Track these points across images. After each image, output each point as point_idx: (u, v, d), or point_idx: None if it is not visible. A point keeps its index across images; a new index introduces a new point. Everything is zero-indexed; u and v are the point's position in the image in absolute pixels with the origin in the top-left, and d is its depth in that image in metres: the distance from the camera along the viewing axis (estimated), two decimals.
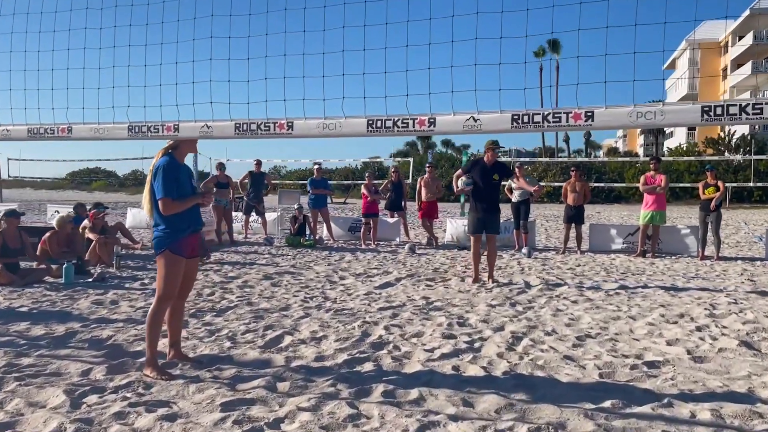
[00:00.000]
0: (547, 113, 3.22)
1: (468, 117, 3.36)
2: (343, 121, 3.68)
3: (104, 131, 4.31)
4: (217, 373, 4.56)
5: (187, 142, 4.65)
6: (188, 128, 4.25)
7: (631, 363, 4.96)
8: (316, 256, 12.04)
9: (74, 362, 4.72)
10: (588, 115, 3.14)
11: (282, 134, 3.89)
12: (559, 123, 3.22)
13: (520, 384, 4.39)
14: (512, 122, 3.29)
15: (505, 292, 8.25)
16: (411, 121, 3.49)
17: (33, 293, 7.66)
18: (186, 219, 4.55)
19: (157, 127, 4.25)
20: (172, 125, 4.23)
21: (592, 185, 35.39)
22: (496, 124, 3.33)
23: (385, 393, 4.11)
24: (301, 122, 3.84)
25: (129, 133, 4.31)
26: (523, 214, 13.11)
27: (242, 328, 5.99)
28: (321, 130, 3.72)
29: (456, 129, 3.41)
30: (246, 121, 4.05)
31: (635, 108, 3.06)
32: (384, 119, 3.55)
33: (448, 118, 3.44)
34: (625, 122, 3.07)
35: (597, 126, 3.13)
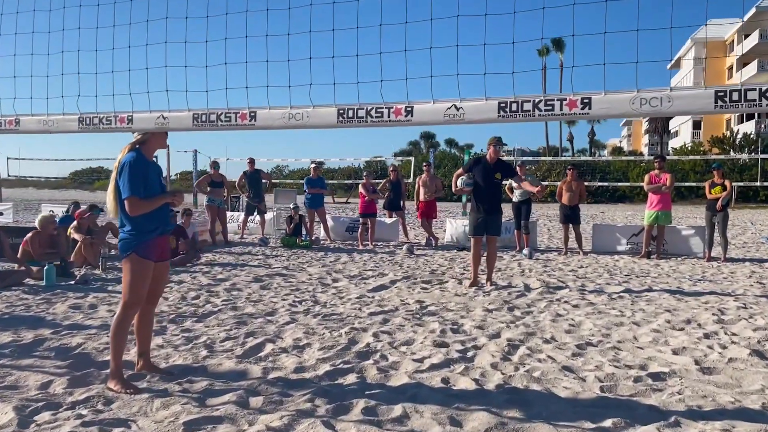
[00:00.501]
0: (537, 100, 2.87)
1: (449, 105, 3.02)
2: (310, 110, 3.34)
3: (53, 123, 3.98)
4: (188, 385, 4.22)
5: (156, 137, 4.31)
6: (142, 119, 3.91)
7: (635, 375, 4.60)
8: (311, 257, 11.71)
9: (35, 373, 4.39)
10: (584, 102, 2.79)
11: (244, 126, 3.55)
12: (552, 111, 2.88)
13: (513, 399, 4.04)
14: (499, 111, 2.95)
15: (504, 295, 7.90)
16: (386, 110, 3.14)
17: (9, 297, 7.34)
18: (154, 220, 4.22)
19: (110, 119, 3.91)
20: (125, 116, 3.89)
21: (596, 185, 35.10)
22: (481, 113, 2.99)
23: (366, 410, 3.77)
24: (265, 112, 3.50)
25: (79, 125, 3.97)
26: (524, 214, 12.75)
27: (222, 335, 5.65)
28: (286, 120, 3.38)
29: (436, 119, 3.06)
30: (205, 112, 3.71)
31: (638, 94, 2.70)
32: (356, 108, 3.20)
33: (427, 107, 3.09)
34: (626, 110, 2.72)
35: (595, 114, 2.78)
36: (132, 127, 3.87)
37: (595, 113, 2.78)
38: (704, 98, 2.58)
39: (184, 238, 11.06)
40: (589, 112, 2.80)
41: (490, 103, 2.98)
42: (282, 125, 3.40)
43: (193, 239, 12.24)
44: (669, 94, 2.63)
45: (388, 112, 3.15)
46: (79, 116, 3.97)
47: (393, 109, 3.14)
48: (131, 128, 3.87)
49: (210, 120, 3.69)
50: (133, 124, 3.87)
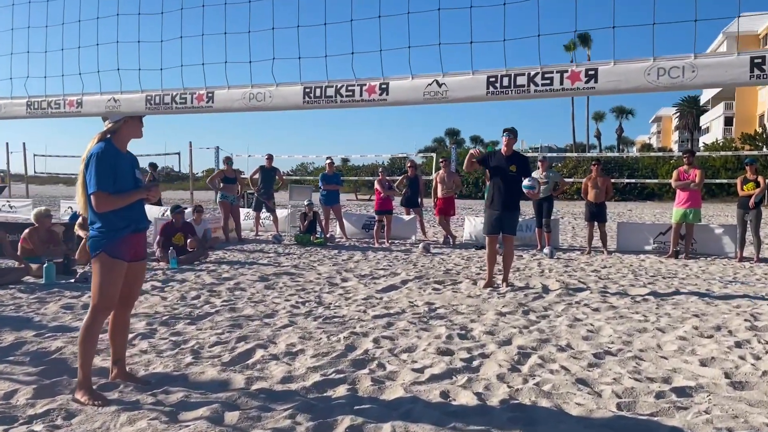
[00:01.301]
0: (533, 73, 2.44)
1: (430, 81, 2.60)
2: (273, 90, 2.95)
3: (2, 108, 3.65)
4: (162, 397, 3.87)
5: (129, 125, 3.95)
6: (92, 102, 3.56)
7: (657, 389, 4.14)
8: (324, 255, 11.35)
9: (2, 381, 4.08)
10: (589, 75, 2.35)
11: (201, 108, 3.18)
12: (551, 86, 2.44)
13: (518, 418, 3.61)
14: (488, 86, 2.53)
15: (519, 297, 7.45)
16: (358, 87, 2.74)
17: (2, 296, 7.09)
18: (125, 216, 3.87)
19: (58, 102, 3.56)
20: (74, 99, 3.54)
21: (624, 182, 34.22)
22: (467, 90, 2.56)
23: (351, 429, 3.38)
24: (224, 92, 3.12)
25: (28, 110, 3.63)
26: (545, 212, 12.25)
27: (213, 339, 5.31)
28: (247, 102, 3.00)
29: (415, 97, 2.64)
30: (159, 93, 3.35)
31: (655, 62, 2.25)
32: (324, 86, 2.80)
33: (404, 84, 2.68)
34: (641, 83, 2.27)
35: (602, 89, 2.34)
36: (81, 111, 3.53)
37: (603, 87, 2.34)
38: (737, 66, 2.13)
39: (193, 235, 10.78)
40: (594, 86, 2.36)
41: (478, 77, 2.56)
42: (242, 107, 3.02)
43: (204, 236, 11.99)
44: (693, 62, 2.18)
45: (360, 90, 2.75)
46: (27, 100, 3.64)
47: (366, 86, 2.74)
48: (80, 112, 3.53)
49: (164, 102, 3.33)
50: (83, 108, 3.53)
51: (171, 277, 8.67)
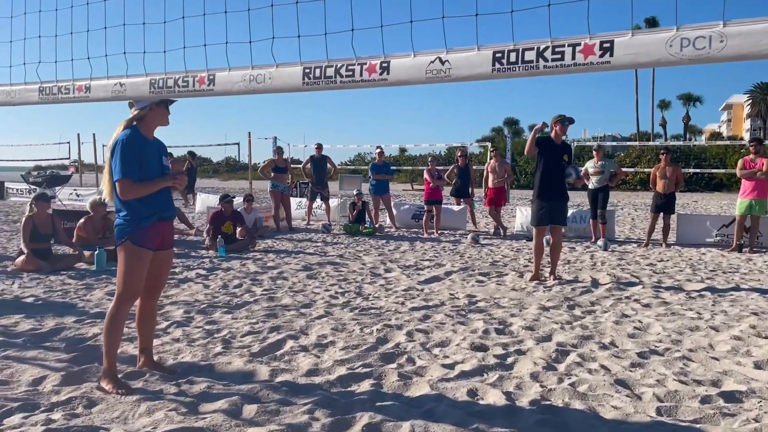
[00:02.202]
0: (543, 47, 2.23)
1: (433, 58, 2.43)
2: (273, 71, 2.84)
3: (16, 94, 3.66)
4: (186, 387, 3.85)
5: (155, 112, 3.92)
6: (99, 87, 3.52)
7: (703, 393, 3.86)
8: (371, 245, 11.27)
9: (34, 367, 4.15)
10: (604, 48, 2.13)
11: (202, 91, 3.10)
12: (561, 61, 2.23)
13: (547, 420, 3.42)
14: (494, 63, 2.33)
15: (566, 291, 7.17)
16: (358, 67, 2.59)
17: (53, 281, 7.30)
18: (151, 204, 3.84)
19: (68, 88, 3.55)
20: (83, 84, 3.52)
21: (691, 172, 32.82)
22: (472, 68, 2.38)
23: (368, 427, 3.26)
24: (224, 74, 3.02)
25: (40, 95, 3.64)
26: (600, 202, 11.79)
27: (246, 328, 5.29)
28: (247, 84, 2.90)
29: (417, 77, 2.47)
30: (162, 77, 3.29)
31: (678, 32, 2.01)
32: (324, 66, 2.67)
33: (406, 62, 2.51)
34: (662, 55, 2.03)
35: (618, 63, 2.12)
36: (89, 96, 3.51)
37: (619, 62, 2.12)
38: None
39: (242, 224, 10.87)
40: (610, 61, 2.14)
41: (483, 53, 2.37)
42: (242, 89, 2.93)
43: (255, 225, 12.09)
44: (722, 31, 1.93)
45: (361, 70, 2.60)
46: (39, 86, 3.64)
47: (366, 65, 2.59)
48: (88, 97, 3.51)
49: (167, 85, 3.27)
50: (91, 93, 3.50)
51: (217, 265, 8.76)
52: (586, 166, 11.98)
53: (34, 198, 8.31)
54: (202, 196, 19.61)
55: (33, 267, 7.78)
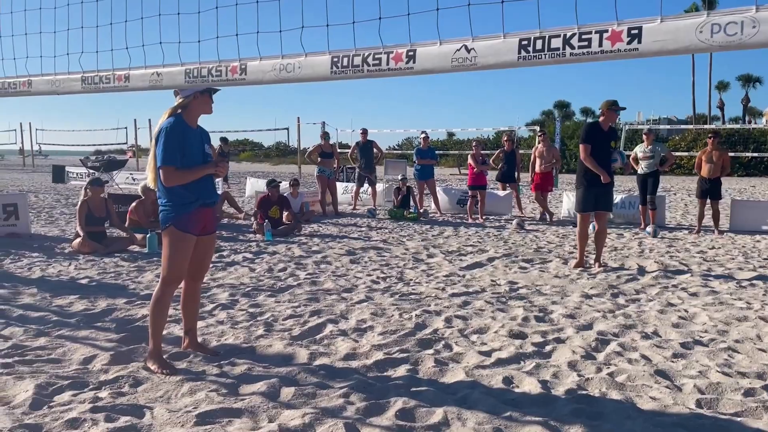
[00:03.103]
0: (569, 35, 2.19)
1: (459, 46, 2.41)
2: (302, 60, 2.87)
3: (60, 83, 3.79)
4: (228, 368, 3.97)
5: (199, 101, 4.01)
6: (138, 77, 3.62)
7: (747, 386, 3.77)
8: (415, 230, 11.30)
9: (85, 346, 4.34)
10: (632, 34, 2.08)
11: (235, 81, 3.16)
12: (588, 48, 2.19)
13: (582, 411, 3.40)
14: (519, 50, 2.30)
15: (611, 278, 7.06)
16: (384, 56, 2.60)
17: (107, 263, 7.58)
18: (194, 191, 3.95)
19: (108, 77, 3.66)
20: (123, 74, 3.62)
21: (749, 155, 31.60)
22: (498, 56, 2.36)
23: (402, 412, 3.31)
24: (255, 64, 3.07)
25: (82, 84, 3.76)
26: (650, 188, 11.50)
27: (288, 312, 5.40)
28: (277, 73, 2.94)
29: (443, 65, 2.46)
30: (197, 66, 3.36)
31: (709, 18, 1.95)
32: (352, 55, 2.68)
33: (432, 50, 2.51)
34: (692, 42, 1.97)
35: (646, 51, 2.07)
36: (128, 85, 3.61)
37: (648, 48, 2.06)
38: None
39: (288, 208, 11.04)
40: (638, 48, 2.09)
41: (509, 41, 2.34)
42: (273, 79, 2.98)
43: (301, 210, 12.26)
44: (754, 16, 1.86)
45: (387, 58, 2.61)
46: (82, 75, 3.77)
47: (392, 54, 2.60)
48: (127, 86, 3.61)
49: (201, 75, 3.35)
50: (130, 83, 3.61)
51: (263, 249, 8.93)
52: (636, 150, 11.70)
53: (88, 183, 8.62)
54: (252, 180, 19.95)
55: (88, 249, 8.09)
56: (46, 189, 20.60)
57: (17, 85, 3.92)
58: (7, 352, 4.16)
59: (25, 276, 6.78)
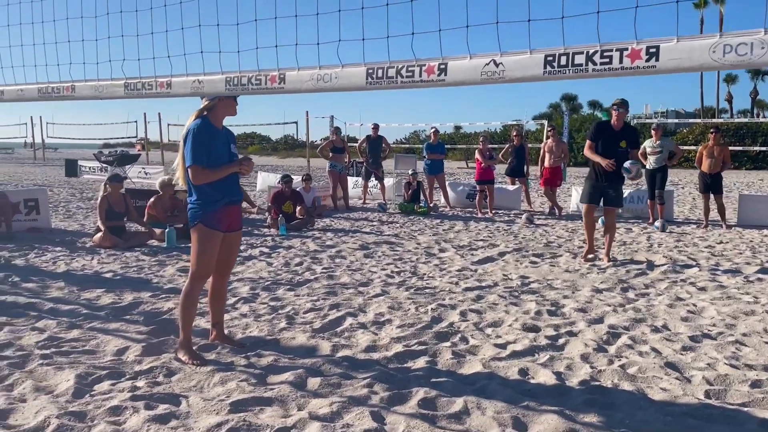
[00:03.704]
0: (592, 51, 2.35)
1: (488, 61, 2.57)
2: (339, 71, 3.03)
3: (103, 89, 3.97)
4: (254, 360, 4.16)
5: (225, 103, 4.19)
6: (179, 83, 3.79)
7: (754, 378, 3.93)
8: (425, 225, 11.46)
9: (116, 338, 4.53)
10: (650, 53, 2.24)
11: (273, 89, 3.32)
12: (610, 65, 2.34)
13: (595, 401, 3.57)
14: (545, 66, 2.46)
15: (621, 273, 7.21)
16: (417, 68, 2.76)
17: (129, 257, 7.77)
18: (220, 189, 4.12)
19: (151, 84, 3.83)
20: (165, 81, 3.79)
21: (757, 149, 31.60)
22: (525, 70, 2.51)
23: (424, 402, 3.49)
24: (294, 74, 3.23)
25: (125, 90, 3.93)
26: (659, 182, 11.62)
27: (307, 305, 5.58)
28: (314, 83, 3.10)
29: (473, 78, 2.62)
30: (237, 75, 3.52)
31: (721, 39, 2.11)
32: (386, 67, 2.84)
33: (462, 64, 2.66)
34: (705, 61, 2.13)
35: (663, 68, 2.22)
36: (170, 91, 3.79)
37: (664, 66, 2.22)
38: None
39: (301, 203, 11.22)
40: (656, 65, 2.24)
41: (535, 56, 2.50)
42: (310, 88, 3.14)
43: (314, 204, 12.44)
44: (763, 38, 2.02)
45: (420, 71, 2.77)
46: (125, 81, 3.94)
47: (425, 67, 2.75)
48: (169, 93, 3.79)
49: (241, 83, 3.51)
50: (171, 89, 3.78)
51: (279, 243, 9.11)
52: (644, 145, 11.81)
53: (108, 178, 8.82)
54: (263, 175, 20.13)
55: (109, 244, 8.30)
56: (60, 183, 20.85)
57: (61, 89, 4.09)
58: (44, 343, 4.36)
59: (51, 270, 6.98)
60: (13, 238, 8.70)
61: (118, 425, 3.11)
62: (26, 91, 4.28)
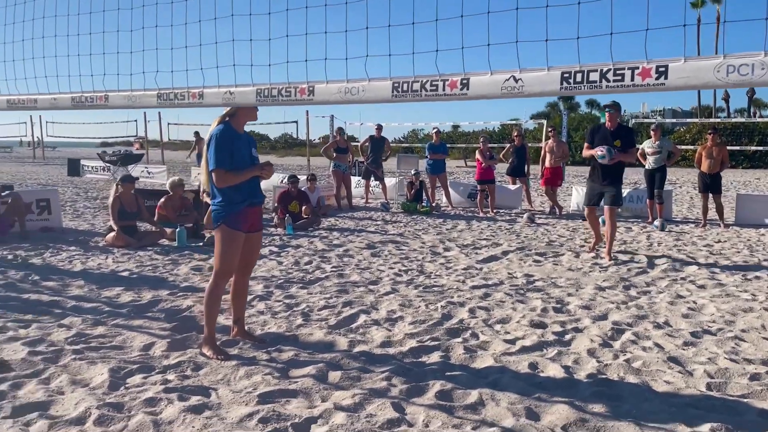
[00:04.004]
0: (605, 70, 2.55)
1: (508, 77, 2.77)
2: (366, 84, 3.22)
3: (136, 99, 4.16)
4: (276, 354, 4.35)
5: (246, 110, 4.38)
6: (212, 94, 3.98)
7: (753, 371, 4.13)
8: (429, 224, 11.66)
9: (141, 334, 4.72)
10: (660, 71, 2.43)
11: (303, 100, 3.51)
12: (622, 82, 2.54)
13: (603, 393, 3.76)
14: (562, 82, 2.66)
15: (622, 271, 7.41)
16: (441, 83, 2.95)
17: (142, 257, 7.95)
18: (242, 191, 4.31)
19: (183, 94, 4.02)
20: (197, 92, 3.98)
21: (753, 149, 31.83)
22: (543, 85, 2.71)
23: (441, 393, 3.68)
24: (323, 86, 3.43)
25: (158, 100, 4.12)
26: (658, 183, 11.83)
27: (321, 303, 5.77)
28: (342, 95, 3.29)
29: (493, 92, 2.82)
30: (267, 87, 3.71)
31: (725, 60, 2.30)
32: (411, 81, 3.04)
33: (484, 79, 2.86)
34: (710, 79, 2.33)
35: (672, 86, 2.42)
36: (203, 102, 3.97)
37: (673, 84, 2.41)
38: None
39: (307, 203, 11.40)
40: (665, 83, 2.44)
41: (553, 73, 2.69)
42: (338, 99, 3.33)
43: (318, 203, 12.62)
44: (763, 60, 2.21)
45: (443, 85, 2.96)
46: (158, 92, 4.13)
47: (448, 81, 2.95)
48: (201, 103, 3.98)
49: (272, 95, 3.70)
50: (203, 99, 3.97)
51: (287, 242, 9.29)
52: (644, 145, 12.01)
53: (120, 179, 9.00)
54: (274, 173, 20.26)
55: (122, 243, 8.47)
56: (63, 182, 20.98)
57: (94, 99, 4.27)
58: (73, 339, 4.54)
59: (68, 269, 7.16)
60: (28, 238, 8.89)
61: (155, 415, 3.30)
62: (59, 100, 4.46)
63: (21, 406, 3.38)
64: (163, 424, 3.21)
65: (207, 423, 3.21)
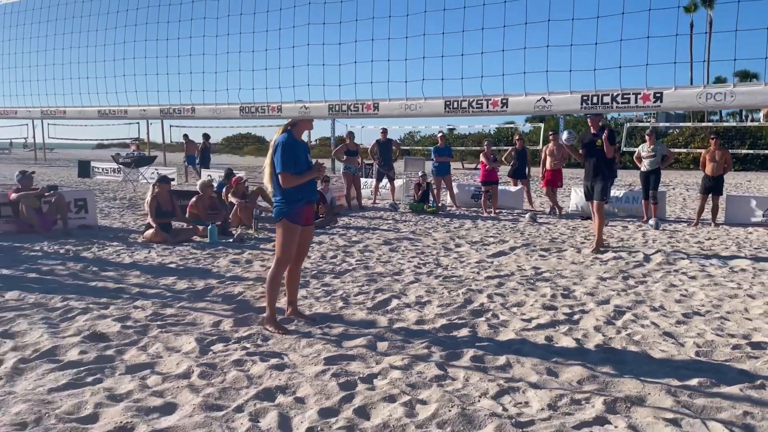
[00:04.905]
0: (615, 94, 3.28)
1: (539, 98, 3.50)
2: (422, 102, 3.96)
3: (221, 111, 4.88)
4: (327, 330, 5.06)
5: (304, 122, 5.13)
6: (289, 108, 4.73)
7: (735, 342, 4.88)
8: (437, 223, 12.38)
9: (208, 314, 5.43)
10: (657, 96, 3.17)
11: (369, 114, 4.25)
12: (628, 104, 3.28)
13: (609, 358, 4.51)
14: (581, 102, 3.40)
15: (621, 265, 8.16)
16: (485, 101, 3.69)
17: (182, 251, 8.66)
18: (301, 191, 5.03)
19: (264, 108, 4.75)
20: (276, 106, 4.72)
21: (745, 152, 32.75)
22: (567, 105, 3.45)
23: (474, 358, 4.41)
24: (386, 103, 4.16)
25: (241, 113, 4.85)
26: (652, 184, 12.61)
27: (355, 290, 6.48)
28: (403, 110, 4.03)
29: (527, 109, 3.56)
30: (338, 103, 4.45)
31: (705, 89, 3.05)
32: (460, 100, 3.77)
33: (520, 99, 3.60)
34: (693, 103, 3.08)
35: (666, 107, 3.15)
36: (281, 114, 4.71)
37: (667, 106, 3.16)
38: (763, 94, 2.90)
39: (323, 203, 12.10)
40: (660, 105, 3.18)
41: (574, 96, 3.43)
42: (399, 114, 4.05)
43: (332, 204, 13.33)
44: (732, 90, 2.95)
45: (487, 104, 3.70)
46: (240, 105, 4.85)
47: (491, 101, 3.68)
48: (280, 116, 4.71)
49: (342, 110, 4.43)
50: (282, 112, 4.71)
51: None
52: (639, 149, 12.78)
53: (157, 180, 9.70)
54: None
55: (160, 239, 9.17)
56: (76, 184, 21.60)
57: (182, 110, 4.99)
58: (152, 317, 5.25)
59: (119, 261, 7.86)
60: (70, 235, 9.58)
61: (245, 371, 4.01)
62: (149, 111, 5.18)
63: (132, 366, 4.10)
64: (254, 377, 3.93)
65: (291, 376, 3.94)
